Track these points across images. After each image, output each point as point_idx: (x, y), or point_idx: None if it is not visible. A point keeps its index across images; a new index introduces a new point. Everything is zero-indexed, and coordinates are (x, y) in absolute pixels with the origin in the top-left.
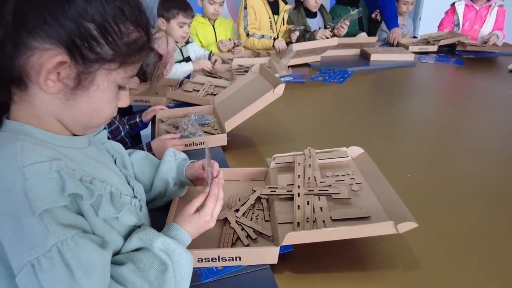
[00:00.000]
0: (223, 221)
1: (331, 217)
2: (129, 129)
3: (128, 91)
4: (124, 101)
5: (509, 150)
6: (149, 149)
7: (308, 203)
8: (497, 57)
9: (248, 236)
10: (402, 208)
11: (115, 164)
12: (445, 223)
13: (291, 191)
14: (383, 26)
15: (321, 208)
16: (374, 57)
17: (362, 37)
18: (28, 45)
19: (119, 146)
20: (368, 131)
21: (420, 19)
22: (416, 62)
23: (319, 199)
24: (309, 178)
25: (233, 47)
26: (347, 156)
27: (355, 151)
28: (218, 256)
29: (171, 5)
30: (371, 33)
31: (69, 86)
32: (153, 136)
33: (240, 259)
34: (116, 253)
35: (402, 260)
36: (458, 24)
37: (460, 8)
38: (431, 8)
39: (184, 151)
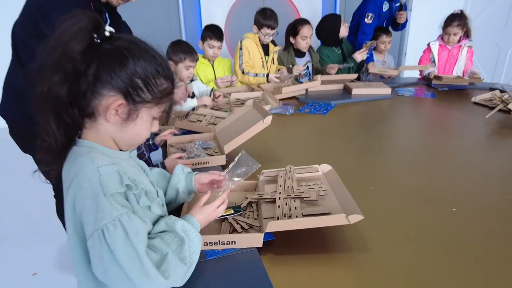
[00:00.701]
0: (222, 219)
1: (302, 213)
2: (145, 150)
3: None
4: (155, 128)
5: (452, 167)
6: (163, 167)
7: (286, 204)
8: (467, 90)
9: (241, 227)
10: (354, 206)
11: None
12: (390, 220)
13: (274, 196)
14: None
15: (295, 207)
16: (355, 91)
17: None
18: (100, 93)
19: (143, 163)
20: (344, 153)
21: (405, 54)
22: (393, 95)
23: (295, 201)
24: (288, 186)
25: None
26: (318, 171)
27: (325, 167)
28: (219, 240)
29: (179, 50)
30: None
31: (123, 118)
32: (164, 157)
33: (235, 243)
34: (148, 233)
35: (356, 245)
36: (434, 61)
37: (434, 48)
38: (415, 44)
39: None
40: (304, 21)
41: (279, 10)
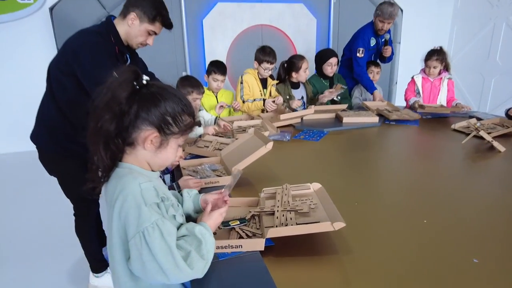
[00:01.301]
0: (230, 229)
1: (296, 222)
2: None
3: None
4: (180, 153)
5: (428, 185)
6: (178, 186)
7: (283, 215)
8: (449, 118)
9: (246, 235)
10: (338, 215)
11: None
12: (370, 229)
13: (273, 209)
14: (356, 93)
15: (291, 218)
16: (346, 119)
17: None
18: (139, 127)
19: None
20: (333, 174)
21: (396, 83)
22: (380, 123)
23: (290, 213)
24: (284, 201)
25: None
26: (310, 189)
27: (316, 185)
28: (228, 245)
29: (187, 84)
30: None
31: (156, 146)
32: (172, 179)
33: (241, 247)
34: None
35: (341, 249)
36: (419, 92)
37: (418, 80)
38: (405, 74)
39: (202, 188)
40: (302, 57)
41: (277, 44)
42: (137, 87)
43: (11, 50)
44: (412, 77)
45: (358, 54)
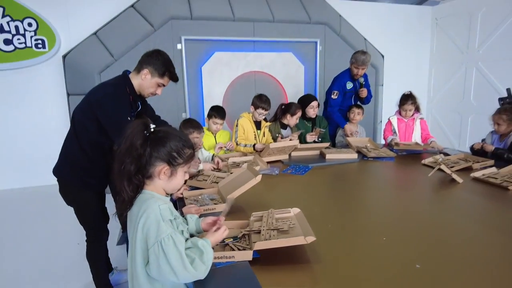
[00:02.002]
0: (225, 244)
1: (277, 238)
2: None
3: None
4: (186, 177)
5: (393, 210)
6: (181, 212)
7: (267, 233)
8: (423, 154)
9: (238, 249)
10: (310, 231)
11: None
12: (338, 244)
13: (260, 228)
14: (340, 132)
15: (273, 235)
16: (328, 156)
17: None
18: (154, 164)
19: None
20: (314, 203)
21: (380, 121)
22: (359, 159)
23: (273, 231)
24: (269, 222)
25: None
26: (290, 213)
27: (296, 210)
28: (224, 255)
29: (188, 126)
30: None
31: (168, 176)
32: (175, 207)
33: (234, 257)
34: None
35: (313, 259)
36: (395, 131)
37: (394, 121)
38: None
39: (201, 214)
40: (299, 106)
41: (269, 88)
42: (147, 134)
43: (25, 92)
44: (389, 119)
45: (332, 96)
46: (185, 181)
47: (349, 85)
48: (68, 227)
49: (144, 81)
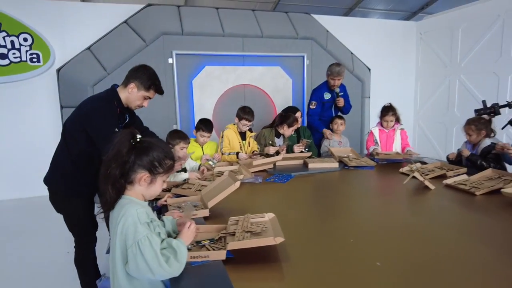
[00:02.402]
0: (202, 245)
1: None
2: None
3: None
4: (164, 186)
5: (366, 214)
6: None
7: (241, 235)
8: (402, 163)
9: (213, 249)
10: (280, 233)
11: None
12: (307, 245)
13: (235, 231)
14: (325, 142)
15: (247, 236)
16: (311, 165)
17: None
18: (136, 171)
19: None
20: (290, 208)
21: (367, 133)
22: (340, 168)
23: (247, 233)
24: (244, 226)
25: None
26: (265, 217)
27: (270, 215)
28: (199, 255)
29: (175, 137)
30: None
31: (148, 183)
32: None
33: (209, 256)
34: None
35: (282, 257)
36: (377, 142)
37: (375, 132)
38: (375, 125)
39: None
40: (297, 120)
41: (258, 101)
42: (133, 143)
43: (19, 105)
44: (371, 130)
45: (310, 106)
46: (170, 189)
47: (327, 96)
48: (58, 236)
49: (131, 95)
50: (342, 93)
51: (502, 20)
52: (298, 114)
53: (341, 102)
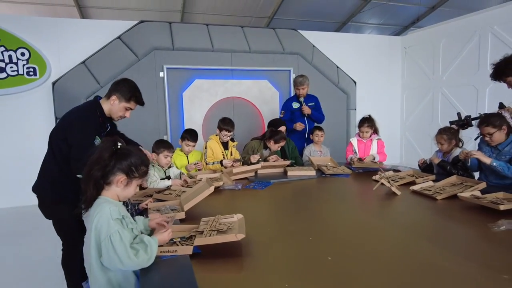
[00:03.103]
0: (173, 242)
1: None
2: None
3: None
4: (137, 189)
5: (332, 217)
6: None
7: (209, 233)
8: (378, 171)
9: (182, 244)
10: (243, 230)
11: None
12: (270, 242)
13: (204, 230)
14: (307, 151)
15: (214, 234)
16: (290, 173)
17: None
18: (115, 173)
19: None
20: (262, 211)
21: None
22: (317, 176)
23: (214, 231)
24: (212, 225)
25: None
26: (234, 218)
27: (239, 216)
28: (168, 250)
29: (160, 146)
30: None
31: (124, 185)
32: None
33: (177, 251)
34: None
35: (244, 253)
36: (356, 152)
37: (354, 142)
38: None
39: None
40: (284, 137)
41: (246, 113)
42: (115, 149)
43: (16, 117)
44: (350, 140)
45: (280, 115)
46: (152, 195)
47: (295, 105)
48: (48, 242)
49: (113, 106)
50: (313, 103)
51: (479, 35)
52: (282, 128)
53: (305, 110)
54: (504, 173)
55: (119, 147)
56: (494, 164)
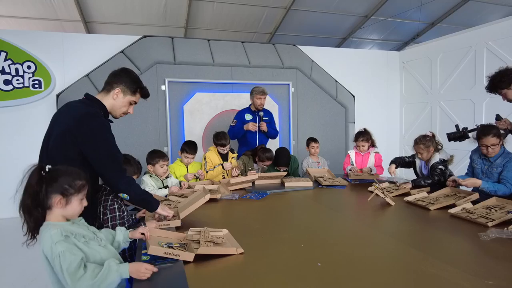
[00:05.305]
0: (169, 246)
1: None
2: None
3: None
4: (84, 204)
5: (325, 225)
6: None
7: (206, 244)
8: (373, 183)
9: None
10: (238, 244)
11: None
12: (260, 248)
13: (198, 240)
14: (303, 163)
15: (211, 245)
16: (287, 184)
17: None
18: (50, 197)
19: (92, 227)
20: (254, 219)
21: None
22: (314, 187)
23: (210, 243)
24: (205, 236)
25: (197, 178)
26: (221, 232)
27: (225, 231)
28: (172, 253)
29: (154, 156)
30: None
31: (64, 205)
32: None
33: (180, 256)
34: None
35: (238, 259)
36: (353, 164)
37: (352, 155)
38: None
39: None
40: (271, 158)
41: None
42: (44, 174)
43: (21, 128)
44: (348, 153)
45: (231, 124)
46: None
47: (248, 117)
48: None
49: (117, 101)
50: (267, 118)
51: (474, 51)
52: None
53: (263, 126)
54: (497, 195)
55: (47, 169)
56: (484, 188)
